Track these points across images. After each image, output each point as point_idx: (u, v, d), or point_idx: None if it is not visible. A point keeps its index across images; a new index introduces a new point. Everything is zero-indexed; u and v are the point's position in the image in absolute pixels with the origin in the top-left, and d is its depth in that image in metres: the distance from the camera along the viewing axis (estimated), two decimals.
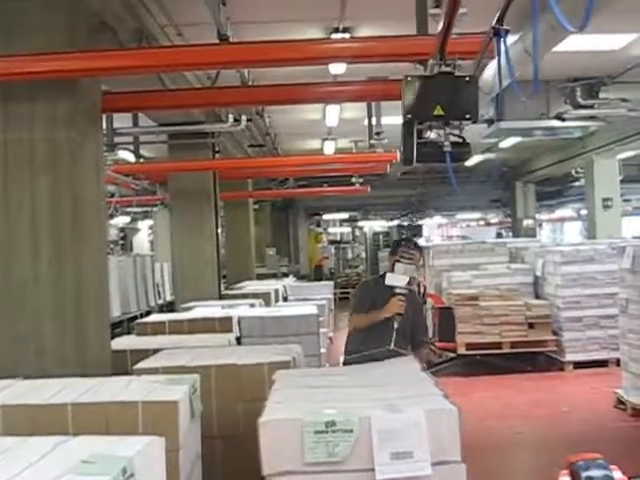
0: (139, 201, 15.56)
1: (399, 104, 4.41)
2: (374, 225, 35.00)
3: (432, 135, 4.50)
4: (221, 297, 11.55)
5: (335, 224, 35.96)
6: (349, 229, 37.42)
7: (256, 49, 6.06)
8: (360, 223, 34.79)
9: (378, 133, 11.28)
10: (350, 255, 34.65)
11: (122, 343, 6.85)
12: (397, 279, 5.46)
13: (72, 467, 2.75)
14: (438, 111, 4.22)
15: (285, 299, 12.80)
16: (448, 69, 4.27)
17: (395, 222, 36.18)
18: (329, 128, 14.10)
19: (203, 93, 8.23)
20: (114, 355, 6.06)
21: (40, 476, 2.72)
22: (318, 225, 34.21)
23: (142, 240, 25.77)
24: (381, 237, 34.92)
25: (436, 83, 4.29)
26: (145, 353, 5.87)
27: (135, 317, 11.55)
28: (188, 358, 5.37)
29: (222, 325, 7.92)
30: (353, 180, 16.14)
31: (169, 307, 13.70)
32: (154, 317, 9.52)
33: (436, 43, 4.25)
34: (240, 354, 5.54)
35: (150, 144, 12.44)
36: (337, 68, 8.74)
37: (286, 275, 19.50)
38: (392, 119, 10.68)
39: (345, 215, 33.37)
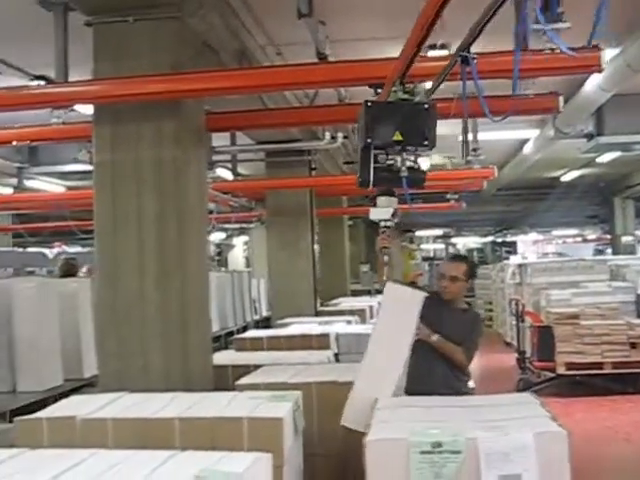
0: (237, 218, 15.76)
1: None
2: (468, 242, 34.63)
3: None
4: (317, 313, 11.59)
5: (428, 240, 35.73)
6: (442, 245, 37.14)
7: (354, 68, 6.04)
8: (453, 239, 34.47)
9: (475, 149, 11.15)
10: None
11: (223, 358, 6.95)
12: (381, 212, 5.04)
13: None
14: (397, 137, 4.28)
15: None
16: (407, 96, 4.38)
17: (489, 238, 35.74)
18: None
19: (301, 112, 8.31)
20: (215, 370, 6.15)
21: None
22: (411, 241, 34.03)
23: (237, 256, 26.06)
24: (475, 253, 34.53)
25: (395, 109, 4.36)
26: (246, 369, 5.96)
27: (232, 332, 11.67)
28: (289, 375, 5.42)
29: (319, 342, 7.95)
30: (448, 197, 15.99)
31: (265, 323, 13.81)
32: (252, 333, 9.64)
33: (394, 69, 4.34)
34: (340, 371, 5.56)
35: (248, 162, 12.62)
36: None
37: (379, 292, 19.40)
38: (489, 135, 10.61)
39: (439, 232, 33.11)
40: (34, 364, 6.37)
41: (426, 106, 4.40)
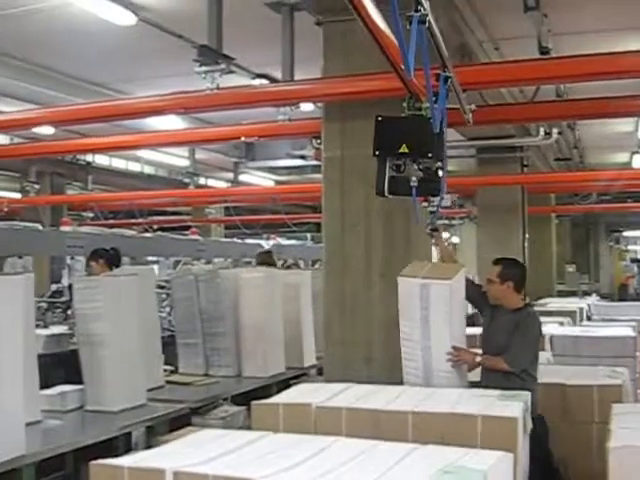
0: (447, 214, 15.75)
1: None
2: None
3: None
4: None
5: (636, 242, 34.01)
6: None
7: (580, 63, 5.85)
8: None
9: None
10: None
11: None
12: None
13: (432, 475, 2.84)
14: (403, 149, 4.56)
15: (589, 318, 12.34)
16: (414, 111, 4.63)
17: None
18: None
19: (519, 108, 8.16)
20: None
21: (405, 478, 2.83)
22: (617, 242, 32.55)
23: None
24: None
25: (404, 123, 4.66)
26: None
27: None
28: None
29: None
30: None
31: (469, 320, 13.68)
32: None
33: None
34: (565, 374, 5.43)
35: (458, 158, 12.54)
36: None
37: (587, 293, 18.76)
38: None
39: None
40: (259, 351, 6.63)
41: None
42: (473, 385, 4.93)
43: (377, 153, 4.69)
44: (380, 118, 4.76)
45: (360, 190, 5.65)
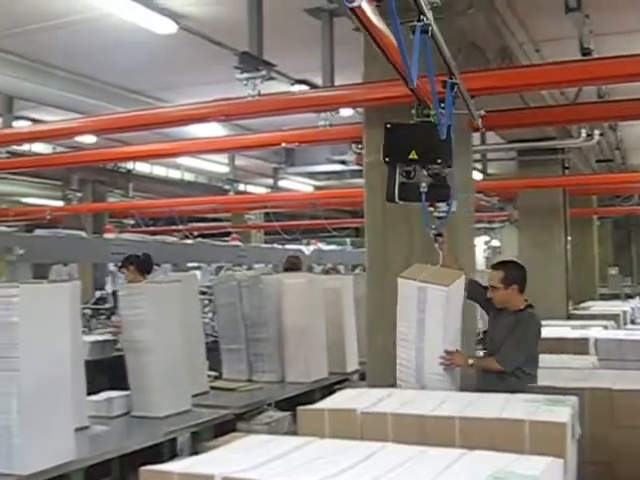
0: (488, 217, 15.66)
1: None
2: None
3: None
4: (569, 317, 11.25)
5: None
6: None
7: (623, 64, 5.79)
8: None
9: None
10: None
11: None
12: None
13: None
14: (413, 155, 4.65)
15: (632, 322, 12.18)
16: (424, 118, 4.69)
17: None
18: None
19: (561, 110, 8.10)
20: None
21: None
22: None
23: (477, 256, 25.83)
24: None
25: (413, 130, 4.73)
26: None
27: (477, 334, 11.60)
28: (562, 379, 5.29)
29: (575, 346, 7.73)
30: None
31: None
32: None
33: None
34: (611, 378, 5.36)
35: (498, 161, 12.49)
36: None
37: (629, 296, 18.50)
38: None
39: None
40: (302, 356, 6.65)
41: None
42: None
43: (387, 160, 4.81)
44: (389, 125, 4.86)
45: None
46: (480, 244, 25.72)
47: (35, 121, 10.42)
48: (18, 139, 9.13)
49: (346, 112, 8.37)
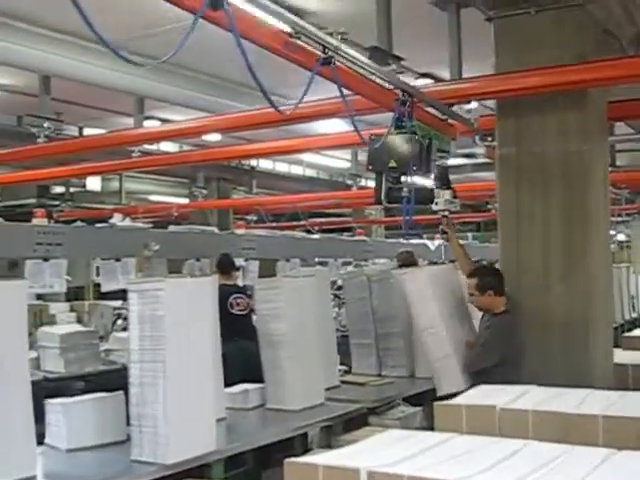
0: (619, 210, 15.15)
1: None
2: None
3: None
4: None
5: None
6: None
7: None
8: None
9: None
10: None
11: (620, 356, 6.69)
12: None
13: None
14: (392, 164, 5.10)
15: None
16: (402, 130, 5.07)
17: None
18: None
19: None
20: (614, 368, 5.96)
21: None
22: None
23: None
24: None
25: (391, 140, 5.09)
26: None
27: None
28: None
29: None
30: None
31: None
32: None
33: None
34: None
35: (628, 152, 12.07)
36: None
37: None
38: None
39: None
40: None
41: (417, 137, 5.09)
42: None
43: (370, 168, 5.37)
44: (372, 137, 5.34)
45: (537, 189, 5.52)
46: None
47: (163, 121, 10.69)
48: (149, 138, 9.37)
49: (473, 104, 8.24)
